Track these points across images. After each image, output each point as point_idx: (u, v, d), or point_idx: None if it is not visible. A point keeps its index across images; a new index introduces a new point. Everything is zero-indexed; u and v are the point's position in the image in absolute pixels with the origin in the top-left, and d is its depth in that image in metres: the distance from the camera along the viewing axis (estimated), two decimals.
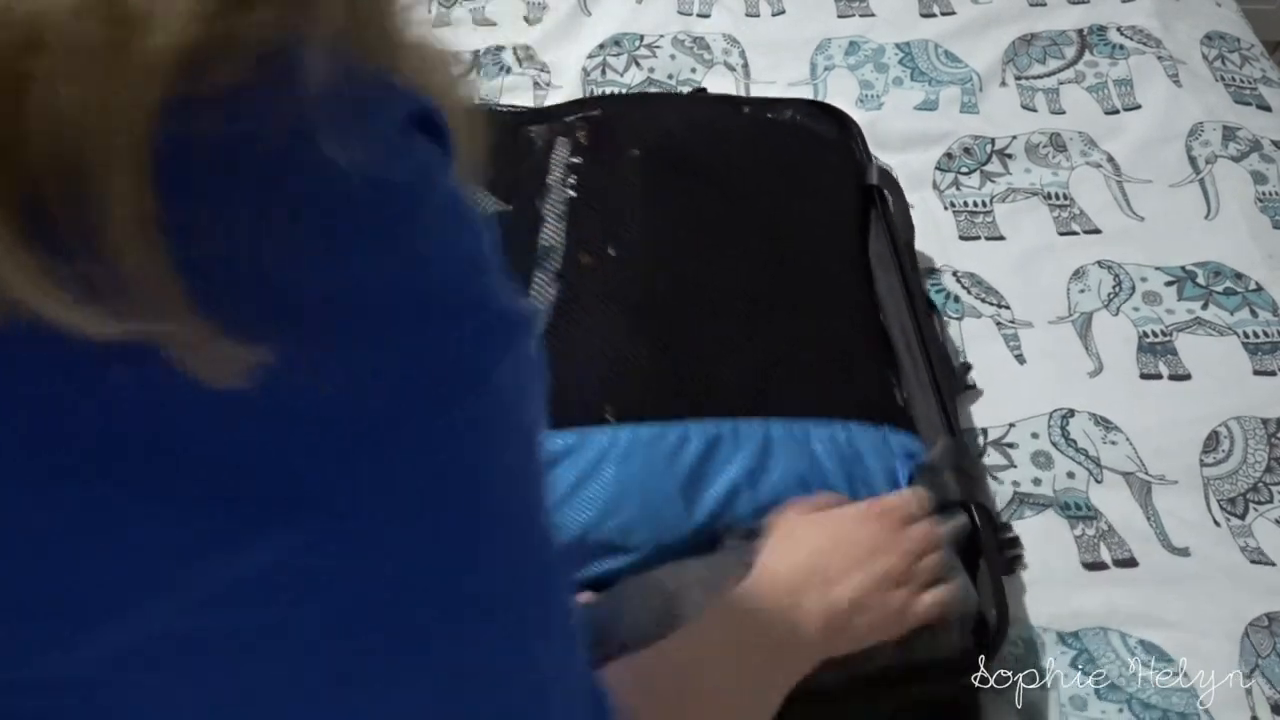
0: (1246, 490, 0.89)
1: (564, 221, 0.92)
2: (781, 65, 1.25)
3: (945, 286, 1.03)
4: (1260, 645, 0.80)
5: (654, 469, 0.76)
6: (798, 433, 0.80)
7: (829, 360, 0.86)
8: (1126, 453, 0.91)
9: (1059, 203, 1.11)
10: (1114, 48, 1.26)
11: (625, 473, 0.76)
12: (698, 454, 0.77)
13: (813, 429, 0.80)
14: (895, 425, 0.84)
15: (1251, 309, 1.01)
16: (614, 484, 0.75)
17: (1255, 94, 1.22)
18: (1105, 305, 1.02)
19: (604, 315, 0.84)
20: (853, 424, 0.82)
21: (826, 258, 0.95)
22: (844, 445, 0.81)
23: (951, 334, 0.99)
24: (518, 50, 1.25)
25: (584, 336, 0.83)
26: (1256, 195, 1.11)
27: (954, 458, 0.81)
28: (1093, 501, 0.88)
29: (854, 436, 0.81)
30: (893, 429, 0.83)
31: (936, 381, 0.87)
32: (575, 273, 0.88)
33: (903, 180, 1.10)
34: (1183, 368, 0.97)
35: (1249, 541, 0.86)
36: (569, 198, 0.94)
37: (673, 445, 0.77)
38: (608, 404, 0.79)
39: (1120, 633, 0.81)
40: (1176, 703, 0.77)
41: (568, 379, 0.80)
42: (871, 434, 0.82)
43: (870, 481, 0.80)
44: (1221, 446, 0.92)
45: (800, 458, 0.79)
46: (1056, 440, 0.92)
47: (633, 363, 0.81)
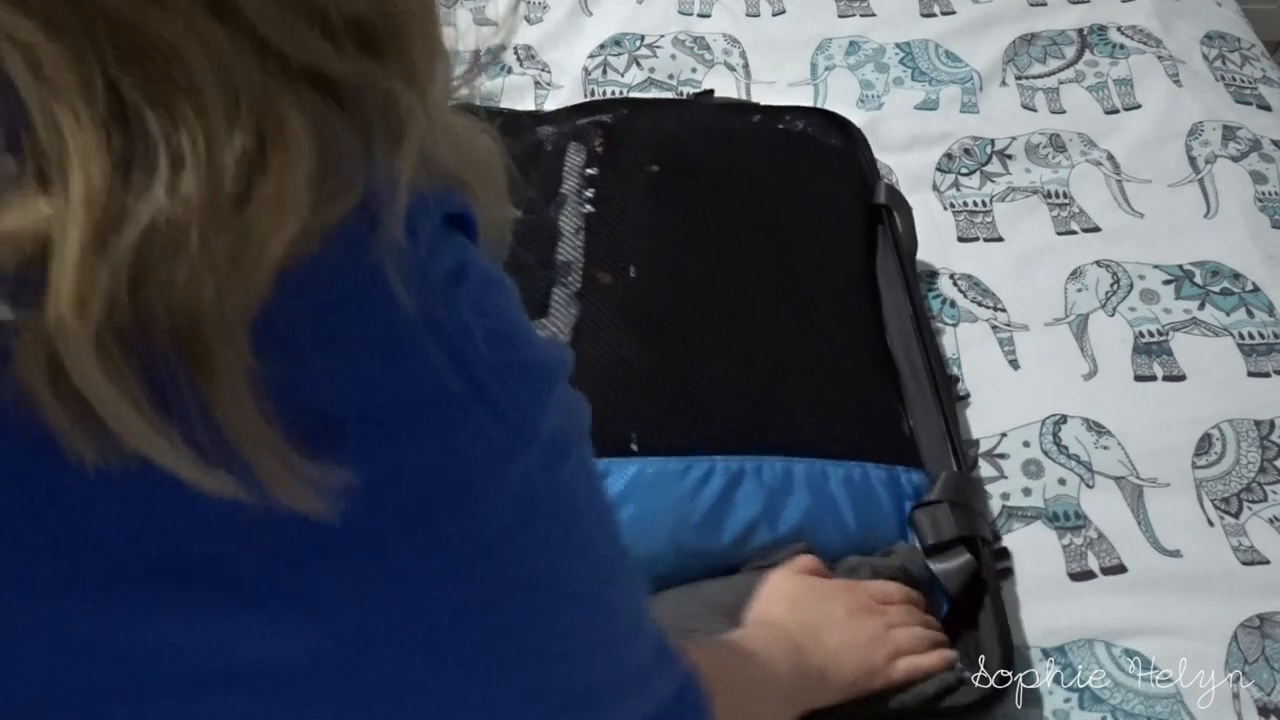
0: (1240, 490, 0.89)
1: (581, 236, 0.92)
2: (782, 65, 1.25)
3: (942, 291, 1.04)
4: (1249, 648, 0.80)
5: (679, 501, 0.78)
6: (817, 471, 0.82)
7: (845, 395, 0.88)
8: (1118, 457, 0.92)
9: (1058, 201, 1.11)
10: (1114, 47, 1.26)
11: (651, 503, 0.78)
12: (721, 488, 0.79)
13: (831, 469, 0.82)
14: (907, 464, 0.86)
15: (1248, 309, 1.01)
16: (641, 514, 0.77)
17: (1255, 94, 1.22)
18: (1102, 305, 1.02)
19: (626, 339, 0.85)
20: (869, 465, 0.84)
21: (836, 276, 0.96)
22: (859, 485, 0.83)
23: (947, 340, 1.00)
24: (518, 50, 1.26)
25: (606, 360, 0.84)
26: (1256, 195, 1.11)
27: (954, 493, 0.83)
28: (1083, 508, 0.88)
29: (869, 476, 0.83)
30: (904, 469, 0.85)
31: (942, 406, 0.89)
32: (595, 292, 0.88)
33: (902, 181, 1.10)
34: (1178, 369, 0.97)
35: (1242, 540, 0.86)
36: (586, 212, 0.94)
37: (698, 479, 0.79)
38: (632, 432, 0.80)
39: (1105, 643, 0.81)
40: (1160, 710, 0.77)
41: (590, 404, 0.82)
42: (885, 474, 0.84)
43: (881, 520, 0.83)
44: (1214, 449, 0.92)
45: (818, 496, 0.81)
46: (1048, 448, 0.92)
47: (656, 390, 0.83)
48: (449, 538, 0.33)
